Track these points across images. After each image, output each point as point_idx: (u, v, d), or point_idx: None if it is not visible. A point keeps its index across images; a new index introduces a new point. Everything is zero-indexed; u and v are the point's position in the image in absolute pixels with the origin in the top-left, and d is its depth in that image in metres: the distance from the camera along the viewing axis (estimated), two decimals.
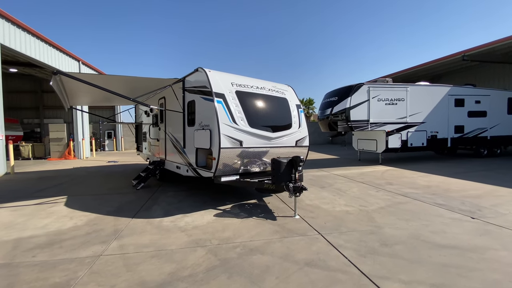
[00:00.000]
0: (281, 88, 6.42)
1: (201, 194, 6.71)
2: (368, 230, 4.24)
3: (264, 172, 5.86)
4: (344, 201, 5.92)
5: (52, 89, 6.23)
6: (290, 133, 5.94)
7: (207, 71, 5.28)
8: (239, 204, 5.73)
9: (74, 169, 11.78)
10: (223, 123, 4.91)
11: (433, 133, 12.44)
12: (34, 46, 12.11)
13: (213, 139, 4.98)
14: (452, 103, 12.70)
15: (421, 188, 7.21)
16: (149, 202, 5.97)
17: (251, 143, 5.28)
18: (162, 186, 7.69)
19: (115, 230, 4.24)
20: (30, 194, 6.88)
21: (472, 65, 17.54)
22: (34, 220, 4.76)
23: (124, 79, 6.17)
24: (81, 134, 16.41)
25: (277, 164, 4.77)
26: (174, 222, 4.60)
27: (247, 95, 5.54)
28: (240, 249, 3.53)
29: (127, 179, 8.96)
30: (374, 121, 11.39)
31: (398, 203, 5.78)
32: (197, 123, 5.59)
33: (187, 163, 6.09)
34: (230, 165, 5.13)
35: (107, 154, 19.86)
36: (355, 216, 4.94)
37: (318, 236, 3.97)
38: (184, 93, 6.12)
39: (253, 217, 4.87)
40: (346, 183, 7.95)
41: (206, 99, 5.20)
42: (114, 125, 23.55)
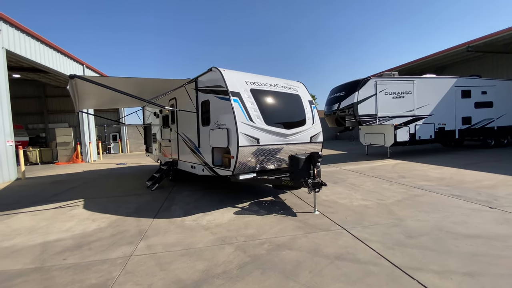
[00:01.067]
0: (293, 84, 6.43)
1: (216, 192, 6.74)
2: (390, 223, 4.26)
3: (279, 169, 5.88)
4: (360, 196, 5.94)
5: (56, 93, 6.29)
6: (305, 129, 5.96)
7: (222, 71, 5.29)
8: (256, 202, 5.76)
9: (84, 172, 11.84)
10: (240, 121, 4.93)
11: (440, 125, 12.42)
12: (39, 51, 12.15)
13: (230, 138, 5.00)
14: (458, 95, 12.67)
15: (435, 180, 7.21)
16: (167, 202, 6.01)
17: (267, 140, 5.30)
18: (175, 186, 7.73)
19: (139, 230, 4.28)
20: (47, 198, 6.94)
21: (476, 56, 17.49)
22: (57, 224, 4.81)
23: (134, 81, 6.18)
24: (88, 138, 16.48)
25: (296, 161, 4.79)
26: (196, 221, 4.64)
27: (261, 93, 5.55)
28: (267, 246, 3.55)
29: (139, 180, 9.02)
30: (382, 115, 11.38)
31: (415, 196, 5.79)
32: (212, 123, 5.61)
33: (202, 163, 6.12)
34: (248, 163, 5.16)
35: (114, 157, 19.94)
36: (374, 210, 4.96)
37: (342, 231, 3.99)
38: (197, 93, 6.13)
39: (272, 214, 4.89)
40: (358, 178, 7.96)
41: (222, 98, 5.22)
42: (119, 128, 23.63)
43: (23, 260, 3.45)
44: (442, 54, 16.60)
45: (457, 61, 18.62)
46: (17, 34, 10.87)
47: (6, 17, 10.17)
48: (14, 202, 6.69)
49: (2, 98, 9.98)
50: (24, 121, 22.28)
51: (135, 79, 6.08)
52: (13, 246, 3.90)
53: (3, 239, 4.19)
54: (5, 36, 10.17)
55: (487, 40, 14.23)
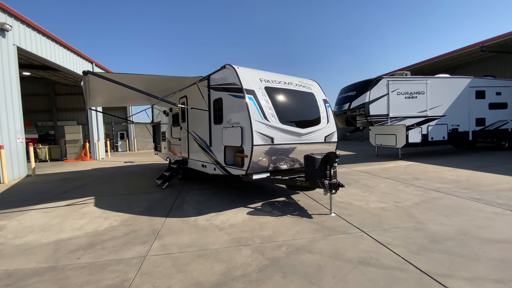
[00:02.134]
0: (307, 83, 6.29)
1: (227, 192, 6.65)
2: (411, 226, 4.11)
3: (292, 169, 5.75)
4: (376, 198, 5.78)
5: (65, 92, 6.27)
6: (319, 128, 5.82)
7: (236, 68, 5.18)
8: (268, 202, 5.65)
9: (93, 170, 11.87)
10: (255, 120, 4.81)
11: (454, 127, 12.14)
12: (50, 49, 12.21)
13: (245, 137, 4.89)
14: (473, 95, 12.38)
15: (451, 182, 7.01)
16: (178, 201, 5.93)
17: (282, 139, 5.18)
18: (185, 185, 7.65)
19: (153, 230, 4.20)
20: (57, 195, 6.93)
21: (488, 56, 17.10)
22: (69, 221, 4.76)
23: (144, 78, 6.10)
24: (96, 136, 16.56)
25: (312, 161, 4.65)
26: (209, 221, 4.54)
27: (276, 90, 5.43)
28: (285, 248, 3.43)
29: (148, 178, 8.98)
30: (394, 115, 11.16)
31: (433, 199, 5.62)
32: (225, 121, 5.51)
33: (214, 162, 6.02)
34: (261, 163, 5.04)
35: (122, 155, 20.02)
36: (392, 212, 4.80)
37: (362, 234, 3.85)
38: (209, 91, 6.04)
39: (287, 215, 4.77)
40: (371, 179, 7.79)
41: (236, 96, 5.11)
42: (126, 126, 23.73)
43: (37, 258, 3.38)
44: (455, 54, 16.27)
45: (468, 61, 18.22)
46: (28, 31, 10.92)
47: (17, 13, 10.22)
48: (25, 199, 6.69)
49: (13, 95, 10.03)
50: (33, 119, 22.51)
51: (145, 76, 6.01)
52: (26, 244, 3.85)
53: (15, 237, 4.15)
54: (16, 33, 10.22)
55: (501, 40, 13.89)
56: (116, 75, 5.19)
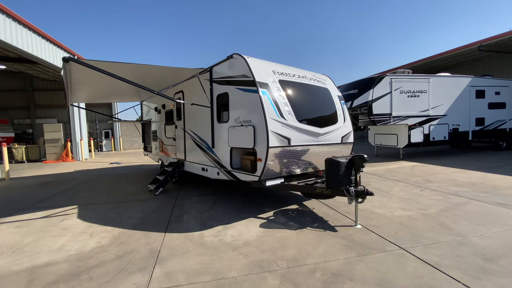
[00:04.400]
0: (320, 77, 5.69)
1: (230, 198, 5.96)
2: (452, 240, 3.59)
3: (305, 174, 5.14)
4: (396, 204, 5.27)
5: (44, 87, 5.46)
6: (337, 128, 5.23)
7: (246, 58, 4.50)
8: (280, 211, 5.02)
9: (76, 172, 10.84)
10: (270, 117, 4.15)
11: (454, 126, 11.92)
12: (26, 38, 11.02)
13: (258, 137, 4.22)
14: (473, 95, 12.20)
15: (466, 185, 6.63)
16: (176, 210, 5.20)
17: (299, 140, 4.54)
18: (181, 190, 6.90)
19: (151, 250, 3.47)
20: (34, 204, 6.02)
21: (483, 56, 17.13)
22: (47, 240, 3.94)
23: (134, 68, 5.29)
24: (79, 134, 15.36)
25: (336, 165, 4.05)
26: (217, 237, 3.85)
27: (290, 84, 4.78)
28: (320, 274, 2.81)
29: (139, 182, 8.14)
30: (397, 114, 10.79)
31: (457, 204, 5.16)
32: (232, 119, 4.82)
33: (217, 165, 5.33)
34: (276, 167, 4.39)
35: (107, 155, 18.83)
36: (422, 222, 4.29)
37: (403, 252, 3.28)
38: (212, 85, 5.33)
39: (306, 227, 4.15)
40: (381, 182, 7.32)
41: (246, 90, 4.43)
42: (111, 124, 22.45)
43: None
44: (451, 54, 16.15)
45: (462, 61, 18.21)
46: (2, 18, 9.76)
47: None
48: None
49: None
50: (9, 116, 20.86)
51: (136, 66, 5.19)
52: None
53: None
54: None
55: (499, 39, 13.83)
56: (102, 63, 4.40)
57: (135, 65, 5.00)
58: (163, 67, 5.27)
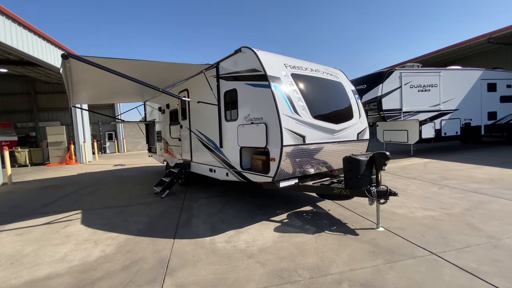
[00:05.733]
0: (332, 71, 5.40)
1: (239, 200, 5.69)
2: (485, 243, 3.30)
3: (319, 173, 4.86)
4: (416, 203, 4.98)
5: (47, 90, 5.25)
6: (352, 124, 4.94)
7: (256, 51, 4.23)
8: (294, 213, 4.74)
9: (80, 175, 10.65)
10: (283, 114, 3.87)
11: (466, 121, 11.56)
12: (27, 40, 10.84)
13: (271, 135, 3.94)
14: (484, 88, 11.82)
15: (486, 182, 6.32)
16: (184, 214, 4.95)
17: (314, 138, 4.26)
18: (188, 192, 6.66)
19: (160, 259, 3.22)
20: (36, 209, 5.80)
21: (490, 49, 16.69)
22: (48, 249, 3.71)
23: (136, 66, 4.99)
24: (82, 137, 15.20)
25: (355, 164, 3.77)
26: (230, 243, 3.59)
27: (303, 78, 4.50)
28: (347, 286, 2.54)
29: (144, 184, 7.91)
30: (407, 109, 10.45)
31: (481, 203, 4.86)
32: (241, 117, 4.55)
33: (226, 166, 5.07)
34: (290, 167, 4.12)
35: (110, 157, 18.68)
36: (448, 223, 4.00)
37: (435, 258, 2.99)
38: (219, 82, 5.06)
39: (325, 231, 3.88)
40: (396, 180, 7.02)
41: (257, 85, 4.16)
42: (114, 126, 22.30)
43: None
44: (459, 47, 15.74)
45: (469, 55, 17.75)
46: (1, 19, 9.58)
47: None
48: None
49: None
50: (12, 120, 20.81)
51: (138, 63, 4.89)
52: None
53: None
54: None
55: (508, 31, 13.42)
56: (103, 59, 4.15)
57: (136, 61, 4.72)
58: (166, 63, 5.00)
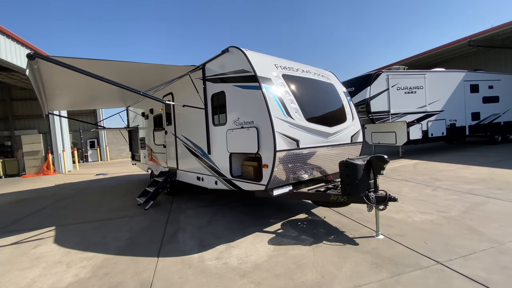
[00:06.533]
0: (323, 72, 5.22)
1: (230, 210, 5.37)
2: (490, 248, 3.15)
3: (313, 179, 4.63)
4: (412, 207, 4.83)
5: (23, 96, 4.83)
6: (346, 127, 4.75)
7: (245, 51, 3.97)
8: (289, 222, 4.47)
9: (57, 186, 9.97)
10: (276, 117, 3.62)
11: (452, 122, 11.77)
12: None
13: (262, 140, 3.68)
14: (468, 89, 12.10)
15: (477, 182, 6.30)
16: (170, 227, 4.57)
17: (308, 142, 4.03)
18: (174, 202, 6.27)
19: (141, 283, 2.86)
20: (4, 227, 5.24)
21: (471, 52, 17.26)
22: (14, 274, 3.25)
23: (116, 67, 4.60)
24: (60, 145, 14.40)
25: (353, 168, 3.56)
26: (221, 260, 3.27)
27: (295, 79, 4.28)
28: None
29: (127, 195, 7.43)
30: (395, 111, 10.52)
31: (477, 204, 4.77)
32: (230, 121, 4.27)
33: (215, 173, 4.75)
34: (283, 174, 3.86)
35: (92, 166, 17.85)
36: (448, 227, 3.85)
37: (441, 267, 2.79)
38: (205, 84, 4.77)
39: (322, 241, 3.63)
40: (388, 182, 6.91)
41: (246, 87, 3.90)
42: (97, 133, 21.42)
43: None
44: (441, 50, 16.16)
45: (451, 57, 18.28)
46: None
47: None
48: None
49: None
50: None
51: (117, 64, 4.48)
52: None
53: None
54: None
55: (487, 34, 13.89)
56: (77, 60, 3.77)
57: (115, 62, 4.34)
58: (148, 65, 4.64)
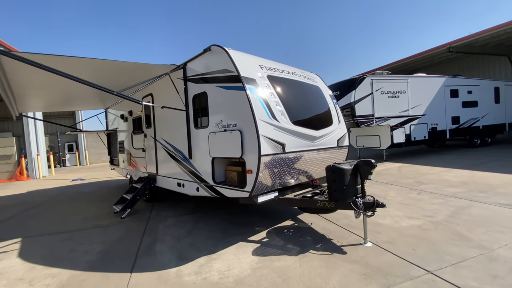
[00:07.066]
0: (309, 75, 5.10)
1: (213, 217, 5.12)
2: (479, 255, 3.08)
3: (300, 184, 4.47)
4: (398, 211, 4.77)
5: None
6: (332, 130, 4.63)
7: (227, 49, 3.77)
8: (274, 230, 4.27)
9: (29, 193, 9.32)
10: (260, 119, 3.43)
11: (433, 125, 12.04)
12: None
13: (247, 144, 3.47)
14: (448, 94, 12.44)
15: (460, 185, 6.38)
16: (147, 238, 4.26)
17: (294, 145, 3.86)
18: (154, 209, 5.93)
19: None
20: None
21: (450, 58, 17.92)
22: None
23: (90, 65, 4.25)
24: (35, 149, 13.60)
25: (340, 173, 3.42)
26: (200, 275, 3.01)
27: (281, 81, 4.11)
28: None
29: (103, 202, 6.99)
30: (379, 115, 10.62)
31: (462, 208, 4.77)
32: (212, 123, 4.04)
33: (196, 179, 4.49)
34: (268, 179, 3.67)
35: (70, 171, 16.99)
36: (435, 232, 3.78)
37: (432, 277, 2.68)
38: (187, 84, 4.52)
39: (309, 250, 3.45)
40: (373, 186, 6.89)
41: (229, 87, 3.69)
42: (75, 136, 20.49)
43: None
44: (421, 56, 16.63)
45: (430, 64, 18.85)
46: None
47: None
48: None
49: None
50: None
51: (92, 62, 4.12)
52: None
53: None
54: None
55: (467, 41, 14.40)
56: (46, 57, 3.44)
57: (90, 60, 4.02)
58: (124, 63, 4.33)
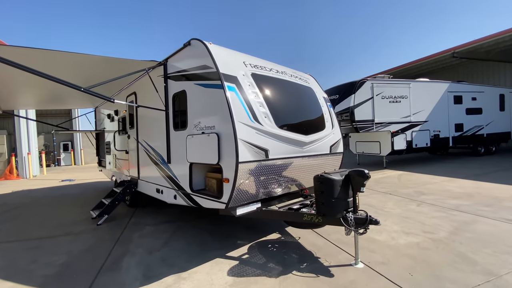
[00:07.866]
0: (302, 75, 4.73)
1: (194, 227, 4.72)
2: (485, 282, 2.67)
3: (288, 193, 4.08)
4: (397, 226, 4.35)
5: None
6: (324, 135, 4.24)
7: (207, 44, 3.41)
8: (257, 244, 3.87)
9: (13, 194, 8.97)
10: (240, 121, 3.05)
11: (436, 132, 11.60)
12: None
13: (224, 149, 3.09)
14: (451, 100, 12.02)
15: (464, 197, 5.95)
16: (117, 248, 3.87)
17: (279, 152, 3.47)
18: (134, 216, 5.55)
19: None
20: None
21: (453, 64, 17.53)
22: None
23: (68, 59, 3.93)
24: (26, 147, 13.29)
25: (328, 184, 3.02)
26: None
27: (267, 80, 3.74)
28: None
29: (84, 206, 6.60)
30: (379, 120, 10.19)
31: (466, 224, 4.35)
32: (191, 125, 3.67)
33: (174, 186, 4.11)
34: (250, 188, 3.28)
35: (63, 170, 16.65)
36: (436, 253, 3.36)
37: None
38: (167, 82, 4.16)
39: (292, 271, 3.04)
40: (372, 196, 6.47)
41: (208, 85, 3.32)
42: (71, 135, 20.20)
43: None
44: (425, 61, 16.25)
45: (434, 69, 18.47)
46: None
47: None
48: None
49: None
50: None
51: (65, 56, 3.79)
52: None
53: None
54: None
55: (471, 46, 14.01)
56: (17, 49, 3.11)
57: (61, 53, 3.66)
58: (101, 58, 3.97)
